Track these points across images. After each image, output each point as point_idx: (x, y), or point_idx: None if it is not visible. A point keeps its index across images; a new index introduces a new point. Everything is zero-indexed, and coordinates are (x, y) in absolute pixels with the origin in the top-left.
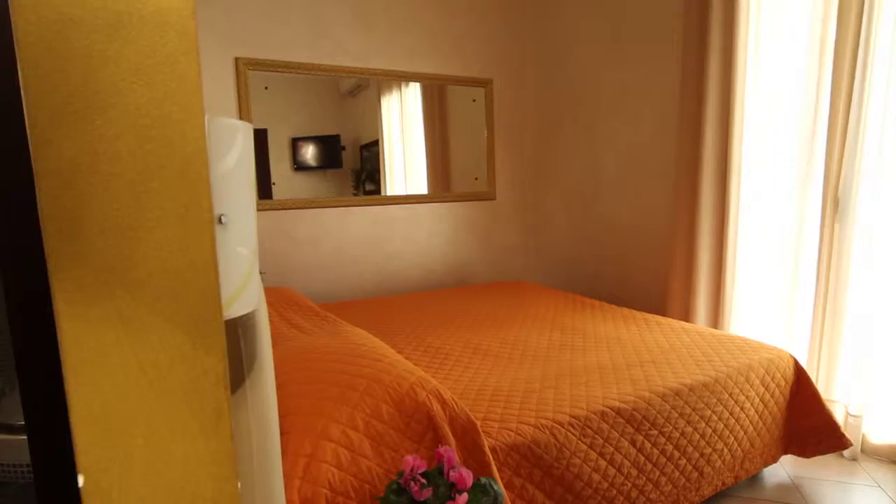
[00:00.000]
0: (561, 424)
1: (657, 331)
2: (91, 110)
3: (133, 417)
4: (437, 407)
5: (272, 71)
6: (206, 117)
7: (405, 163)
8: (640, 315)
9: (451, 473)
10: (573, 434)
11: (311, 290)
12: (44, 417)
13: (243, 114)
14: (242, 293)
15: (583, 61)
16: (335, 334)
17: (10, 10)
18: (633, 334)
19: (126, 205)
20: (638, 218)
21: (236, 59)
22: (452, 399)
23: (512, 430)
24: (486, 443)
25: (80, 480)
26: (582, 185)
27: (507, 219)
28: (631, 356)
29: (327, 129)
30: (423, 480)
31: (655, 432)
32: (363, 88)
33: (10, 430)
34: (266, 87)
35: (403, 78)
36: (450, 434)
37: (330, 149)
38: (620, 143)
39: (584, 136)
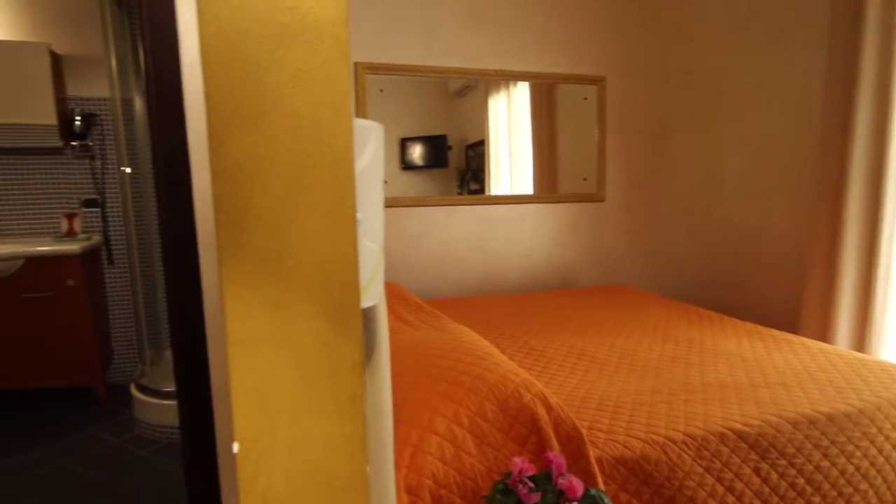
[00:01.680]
0: (674, 442)
1: (787, 350)
2: (256, 114)
3: (280, 395)
4: (541, 411)
5: (387, 74)
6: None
7: (511, 162)
8: (766, 331)
9: (561, 480)
10: (687, 454)
11: (415, 285)
12: (196, 387)
13: (360, 116)
14: (370, 287)
15: (705, 54)
16: (440, 330)
17: (197, 26)
18: (758, 352)
19: (282, 200)
20: (766, 224)
21: (355, 64)
22: (558, 404)
23: (619, 443)
24: (592, 453)
25: (236, 447)
26: (701, 187)
27: (617, 221)
28: (756, 376)
29: (435, 130)
30: (532, 484)
31: (784, 462)
32: (471, 89)
33: (158, 394)
34: (381, 90)
35: (513, 78)
36: (554, 440)
37: (437, 148)
38: (747, 141)
39: (706, 134)
